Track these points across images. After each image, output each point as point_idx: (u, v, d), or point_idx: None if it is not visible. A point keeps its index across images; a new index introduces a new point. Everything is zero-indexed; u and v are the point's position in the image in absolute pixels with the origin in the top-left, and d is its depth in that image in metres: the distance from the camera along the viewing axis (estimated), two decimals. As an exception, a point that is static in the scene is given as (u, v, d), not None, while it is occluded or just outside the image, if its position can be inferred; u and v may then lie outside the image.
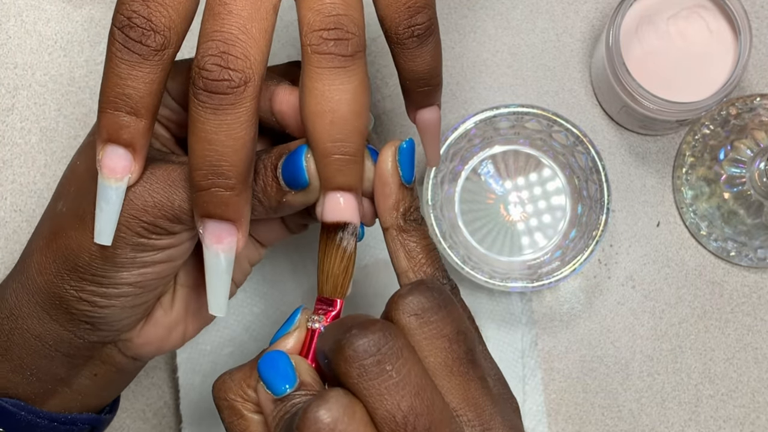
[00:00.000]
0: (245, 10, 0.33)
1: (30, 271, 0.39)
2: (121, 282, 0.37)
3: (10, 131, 0.57)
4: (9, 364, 0.40)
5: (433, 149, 0.43)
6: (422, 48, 0.37)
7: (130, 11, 0.33)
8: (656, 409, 0.56)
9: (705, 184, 0.55)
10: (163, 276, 0.39)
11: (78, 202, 0.38)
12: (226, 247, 0.35)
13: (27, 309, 0.39)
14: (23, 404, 0.40)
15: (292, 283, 0.55)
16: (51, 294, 0.39)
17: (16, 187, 0.56)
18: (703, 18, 0.53)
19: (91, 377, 0.41)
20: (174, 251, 0.38)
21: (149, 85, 0.33)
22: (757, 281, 0.56)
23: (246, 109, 0.33)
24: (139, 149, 0.35)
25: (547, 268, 0.53)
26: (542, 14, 0.58)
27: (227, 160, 0.33)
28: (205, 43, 0.33)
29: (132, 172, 0.35)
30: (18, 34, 0.57)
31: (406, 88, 0.39)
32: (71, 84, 0.57)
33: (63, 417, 0.41)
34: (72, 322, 0.39)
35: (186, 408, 0.54)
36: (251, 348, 0.54)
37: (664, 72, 0.52)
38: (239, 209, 0.34)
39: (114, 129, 0.34)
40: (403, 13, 0.36)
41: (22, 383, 0.40)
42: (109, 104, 0.34)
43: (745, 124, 0.54)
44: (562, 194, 0.55)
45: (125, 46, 0.33)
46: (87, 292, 0.38)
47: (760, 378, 0.56)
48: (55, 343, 0.40)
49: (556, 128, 0.53)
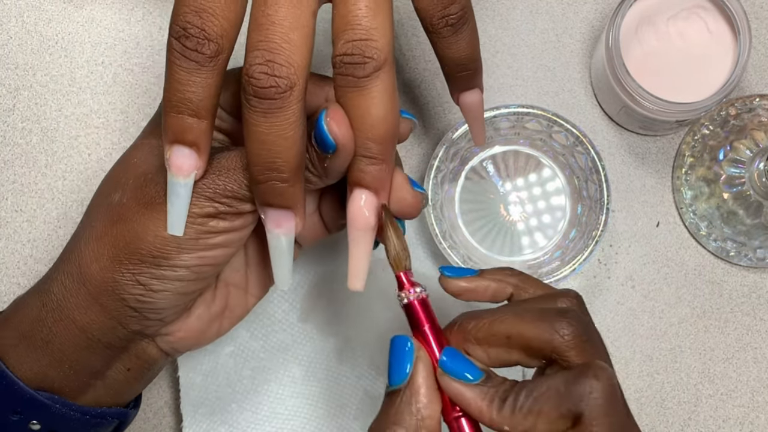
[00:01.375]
0: (287, 20, 0.36)
1: (83, 260, 0.41)
2: (180, 264, 0.40)
3: (11, 131, 0.57)
4: (49, 358, 0.42)
5: (478, 130, 0.46)
6: (457, 36, 0.41)
7: (185, 22, 0.36)
8: (656, 409, 0.56)
9: (704, 184, 0.55)
10: (217, 263, 0.41)
11: (141, 193, 0.40)
12: (286, 231, 0.39)
13: (75, 300, 0.41)
14: (57, 398, 0.42)
15: (293, 284, 0.55)
16: (105, 279, 0.40)
17: (17, 187, 0.57)
18: (703, 19, 0.53)
19: (124, 372, 0.43)
20: (232, 236, 0.41)
21: (207, 89, 0.37)
22: (756, 281, 0.56)
23: (293, 111, 0.36)
24: (202, 148, 0.38)
25: (547, 268, 0.53)
26: (542, 15, 0.58)
27: (280, 157, 0.37)
28: (252, 53, 0.36)
29: (198, 169, 0.38)
30: (19, 34, 0.57)
31: (446, 73, 0.43)
32: (72, 84, 0.57)
33: (94, 411, 0.43)
34: (120, 310, 0.41)
35: (186, 408, 0.54)
36: (252, 347, 0.54)
37: (664, 72, 0.53)
38: (294, 197, 0.38)
39: (179, 131, 0.37)
40: (437, 4, 0.40)
41: (59, 377, 0.42)
42: (173, 108, 0.37)
43: (744, 124, 0.54)
44: (562, 194, 0.55)
45: (183, 55, 0.36)
46: (145, 275, 0.40)
47: (760, 378, 0.56)
48: (99, 333, 0.41)
49: (556, 128, 0.53)
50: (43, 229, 0.56)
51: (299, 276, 0.55)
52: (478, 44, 0.42)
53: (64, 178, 0.57)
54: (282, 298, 0.55)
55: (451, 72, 0.43)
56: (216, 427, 0.54)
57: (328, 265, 0.55)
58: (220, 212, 0.40)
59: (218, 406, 0.54)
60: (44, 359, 0.42)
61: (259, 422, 0.54)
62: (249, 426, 0.54)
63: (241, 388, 0.54)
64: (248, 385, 0.54)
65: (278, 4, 0.36)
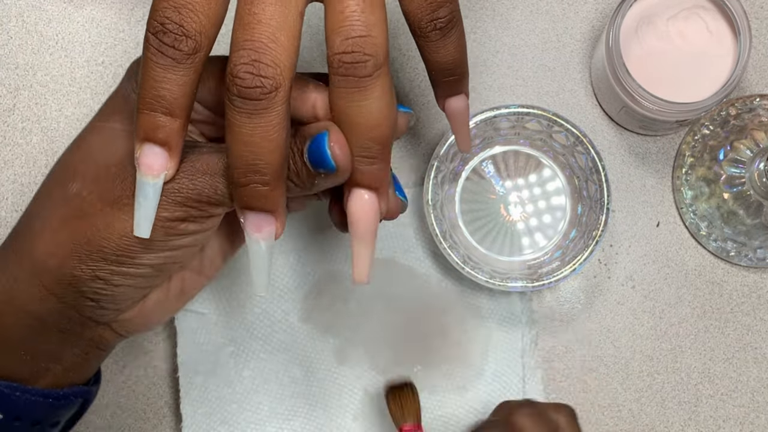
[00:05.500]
0: (273, 19, 0.35)
1: (36, 252, 0.40)
2: (145, 263, 0.40)
3: (12, 131, 0.57)
4: (2, 346, 0.41)
5: (464, 136, 0.45)
6: (445, 40, 0.40)
7: (163, 17, 0.35)
8: (656, 409, 0.56)
9: (705, 184, 0.55)
10: (183, 260, 0.41)
11: (104, 188, 0.39)
12: (266, 235, 0.38)
13: (28, 290, 0.40)
14: (16, 385, 0.41)
15: (293, 284, 0.55)
16: (62, 274, 0.40)
17: (17, 187, 0.57)
18: (703, 19, 0.53)
19: (82, 355, 0.43)
20: (200, 236, 0.40)
21: (183, 87, 0.36)
22: (756, 281, 0.56)
23: (278, 112, 0.35)
24: (174, 147, 0.37)
25: (547, 268, 0.53)
26: (542, 14, 0.58)
27: (262, 159, 0.36)
28: (237, 52, 0.35)
29: (168, 169, 0.37)
30: (19, 34, 0.57)
31: (433, 78, 0.42)
32: (72, 84, 0.57)
33: (56, 393, 0.42)
34: (77, 300, 0.40)
35: (186, 408, 0.54)
36: (252, 347, 0.54)
37: (664, 72, 0.53)
38: (275, 201, 0.37)
39: (151, 129, 0.36)
40: (425, 8, 0.39)
41: (16, 363, 0.41)
42: (146, 105, 0.36)
43: (744, 124, 0.54)
44: (562, 194, 0.55)
45: (159, 51, 0.35)
46: (105, 271, 0.39)
47: (760, 378, 0.56)
48: (54, 322, 0.41)
49: (556, 128, 0.53)
50: (43, 229, 0.56)
51: (299, 276, 0.55)
52: (465, 49, 0.41)
53: (64, 178, 0.57)
54: (282, 298, 0.55)
55: (437, 77, 0.42)
56: (216, 427, 0.54)
57: (328, 265, 0.55)
58: (191, 216, 0.39)
59: (218, 406, 0.54)
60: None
61: (259, 422, 0.54)
62: (249, 426, 0.54)
63: (241, 388, 0.54)
64: (248, 385, 0.54)
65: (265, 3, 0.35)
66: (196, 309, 0.55)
